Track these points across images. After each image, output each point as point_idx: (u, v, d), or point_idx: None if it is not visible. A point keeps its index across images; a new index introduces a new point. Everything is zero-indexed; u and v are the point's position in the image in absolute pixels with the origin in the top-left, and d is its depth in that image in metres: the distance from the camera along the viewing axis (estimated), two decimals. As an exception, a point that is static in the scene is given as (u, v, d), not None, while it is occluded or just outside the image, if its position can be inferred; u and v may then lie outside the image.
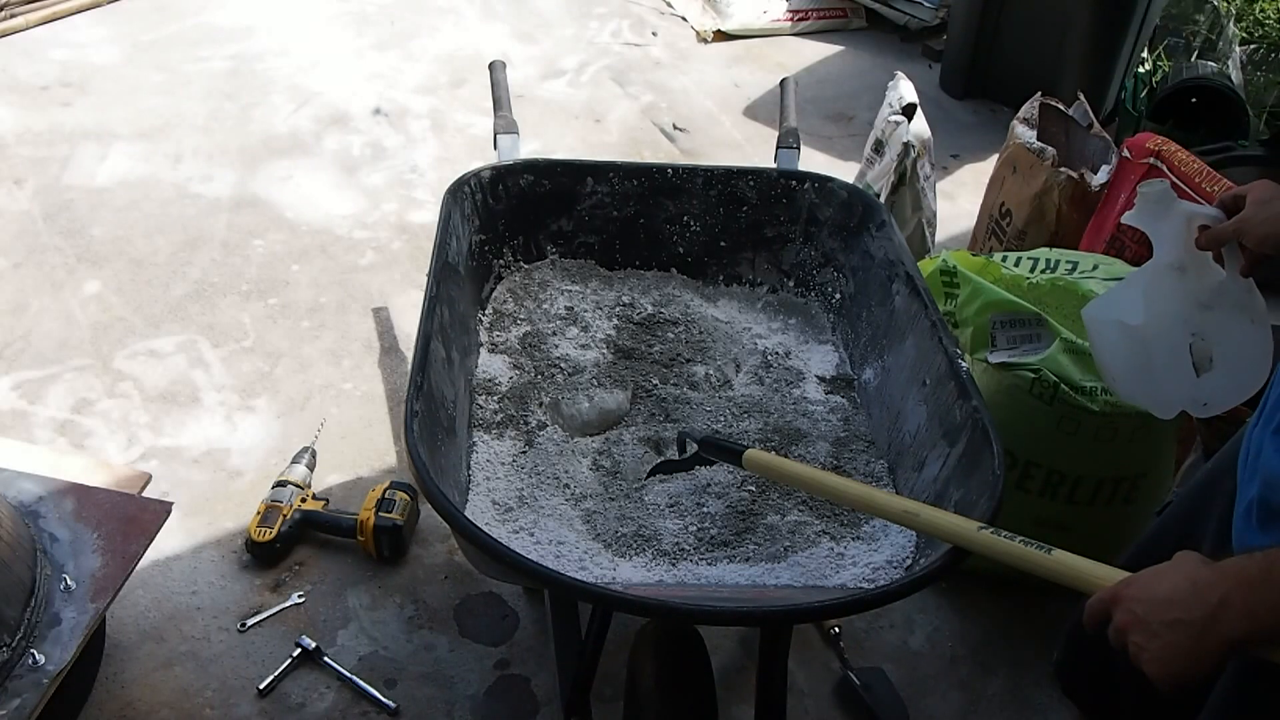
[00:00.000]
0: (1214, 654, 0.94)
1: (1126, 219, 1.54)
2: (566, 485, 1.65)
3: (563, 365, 1.85)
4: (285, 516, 2.08)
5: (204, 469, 2.28)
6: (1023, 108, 2.69)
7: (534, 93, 3.71)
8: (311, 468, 2.23)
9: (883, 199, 2.61)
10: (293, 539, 2.10)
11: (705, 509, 1.62)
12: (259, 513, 2.09)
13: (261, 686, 1.86)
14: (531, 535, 1.54)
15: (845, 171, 2.85)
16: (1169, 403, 1.62)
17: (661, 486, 1.67)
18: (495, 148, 2.01)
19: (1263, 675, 1.17)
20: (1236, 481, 1.23)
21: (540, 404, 1.78)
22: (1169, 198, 1.48)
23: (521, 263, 2.02)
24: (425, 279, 1.64)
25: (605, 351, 1.89)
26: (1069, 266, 2.08)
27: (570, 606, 1.80)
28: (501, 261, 2.00)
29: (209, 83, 3.58)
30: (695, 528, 1.58)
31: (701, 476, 1.68)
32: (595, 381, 1.83)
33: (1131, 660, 0.99)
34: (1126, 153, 2.39)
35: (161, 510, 1.77)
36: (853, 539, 1.57)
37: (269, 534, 2.05)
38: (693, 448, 1.68)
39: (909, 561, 1.49)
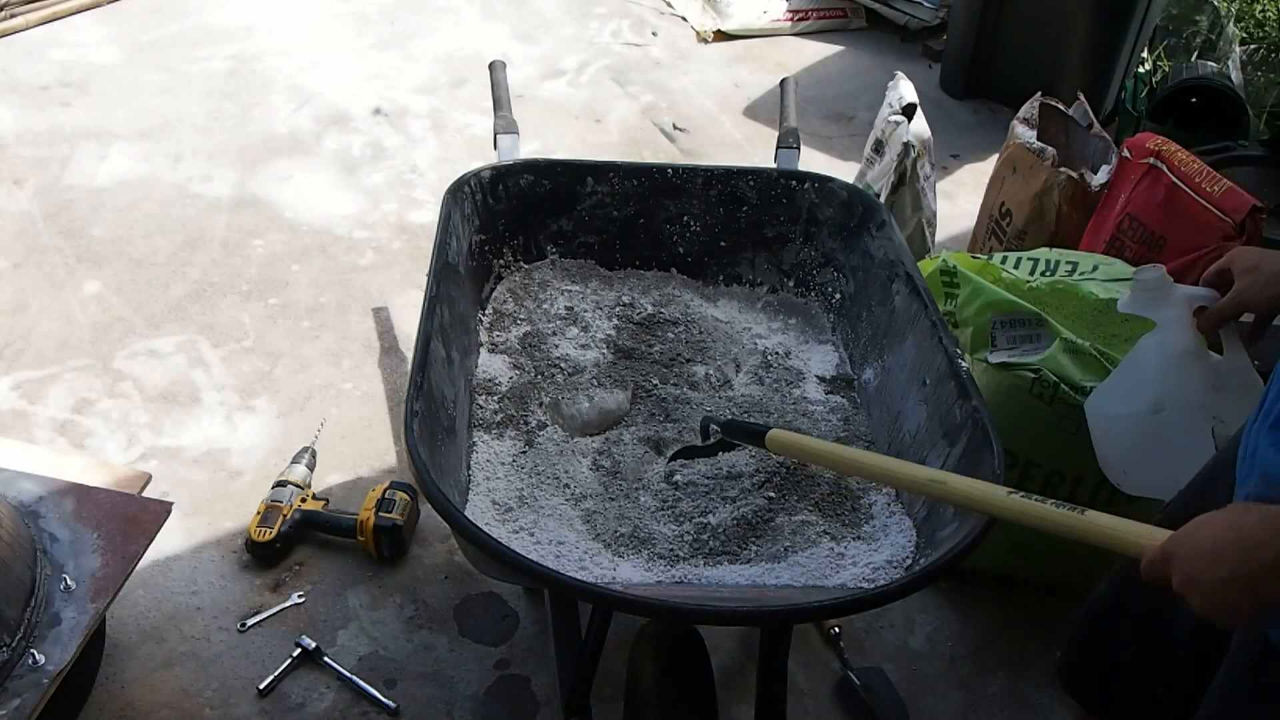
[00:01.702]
0: (1260, 608, 0.94)
1: (1122, 307, 1.53)
2: (566, 485, 1.65)
3: (563, 365, 1.85)
4: (285, 516, 2.08)
5: (204, 469, 2.28)
6: (1023, 108, 2.69)
7: (534, 93, 3.71)
8: (311, 468, 2.23)
9: (883, 199, 2.61)
10: (293, 539, 2.10)
11: (708, 518, 1.62)
12: (259, 513, 2.09)
13: (261, 686, 1.86)
14: (531, 535, 1.54)
15: (845, 171, 2.85)
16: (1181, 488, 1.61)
17: (667, 491, 1.66)
18: (495, 148, 2.01)
19: (1264, 666, 1.17)
20: (1235, 479, 1.23)
21: (540, 404, 1.78)
22: (1166, 283, 1.48)
23: (521, 263, 2.02)
24: (425, 279, 1.64)
25: (605, 351, 1.89)
26: (1069, 268, 2.08)
27: (570, 606, 1.80)
28: (501, 261, 2.00)
29: (209, 83, 3.58)
30: (691, 537, 1.58)
31: (710, 485, 1.67)
32: (595, 381, 1.83)
33: (1199, 613, 0.99)
34: (1126, 153, 2.39)
35: (161, 510, 1.77)
36: (853, 539, 1.57)
37: (269, 534, 2.05)
38: (716, 433, 1.70)
39: (909, 561, 1.49)
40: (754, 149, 3.51)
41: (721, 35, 4.19)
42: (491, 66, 2.15)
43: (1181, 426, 1.51)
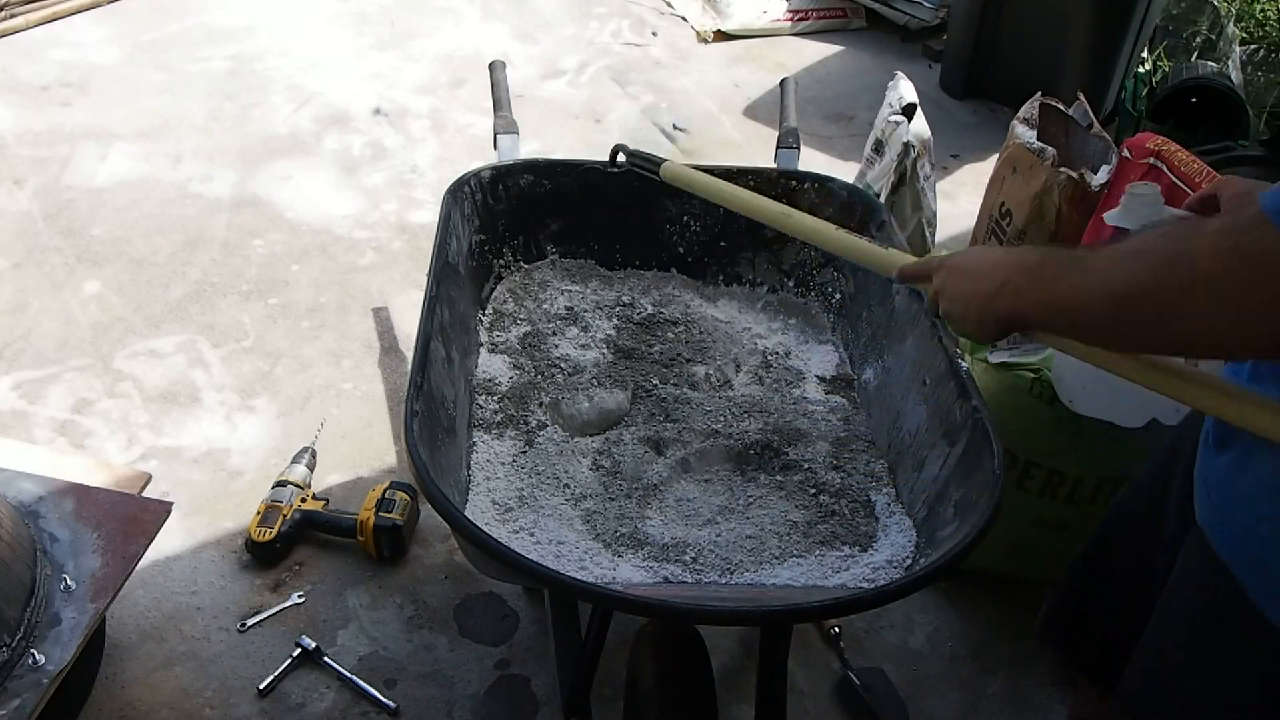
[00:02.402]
0: (991, 324, 1.09)
1: (1109, 217, 1.53)
2: (566, 485, 1.65)
3: (563, 365, 1.84)
4: (285, 516, 2.08)
5: (204, 469, 2.28)
6: (1023, 108, 2.69)
7: (534, 93, 3.71)
8: (311, 468, 2.23)
9: (883, 199, 2.61)
10: (293, 539, 2.10)
11: (714, 530, 1.62)
12: (259, 513, 2.09)
13: (261, 686, 1.86)
14: (531, 535, 1.54)
15: (845, 171, 2.85)
16: (1139, 411, 1.59)
17: (671, 501, 1.66)
18: (495, 148, 2.01)
19: (1206, 593, 1.17)
20: (1190, 450, 1.24)
21: (540, 404, 1.78)
22: (1157, 201, 1.47)
23: (521, 263, 2.02)
24: (425, 279, 1.64)
25: (605, 351, 1.89)
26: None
27: (570, 606, 1.80)
28: (501, 261, 2.00)
29: (209, 83, 3.58)
30: (692, 555, 1.57)
31: (716, 501, 1.66)
32: (595, 381, 1.83)
33: (946, 320, 1.18)
34: (1126, 153, 2.39)
35: (161, 510, 1.77)
36: (853, 539, 1.57)
37: (269, 534, 2.05)
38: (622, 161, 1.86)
39: (909, 561, 1.49)
40: (754, 149, 3.51)
41: (721, 35, 4.19)
42: (491, 66, 2.15)
43: None
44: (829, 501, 1.62)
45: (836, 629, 2.02)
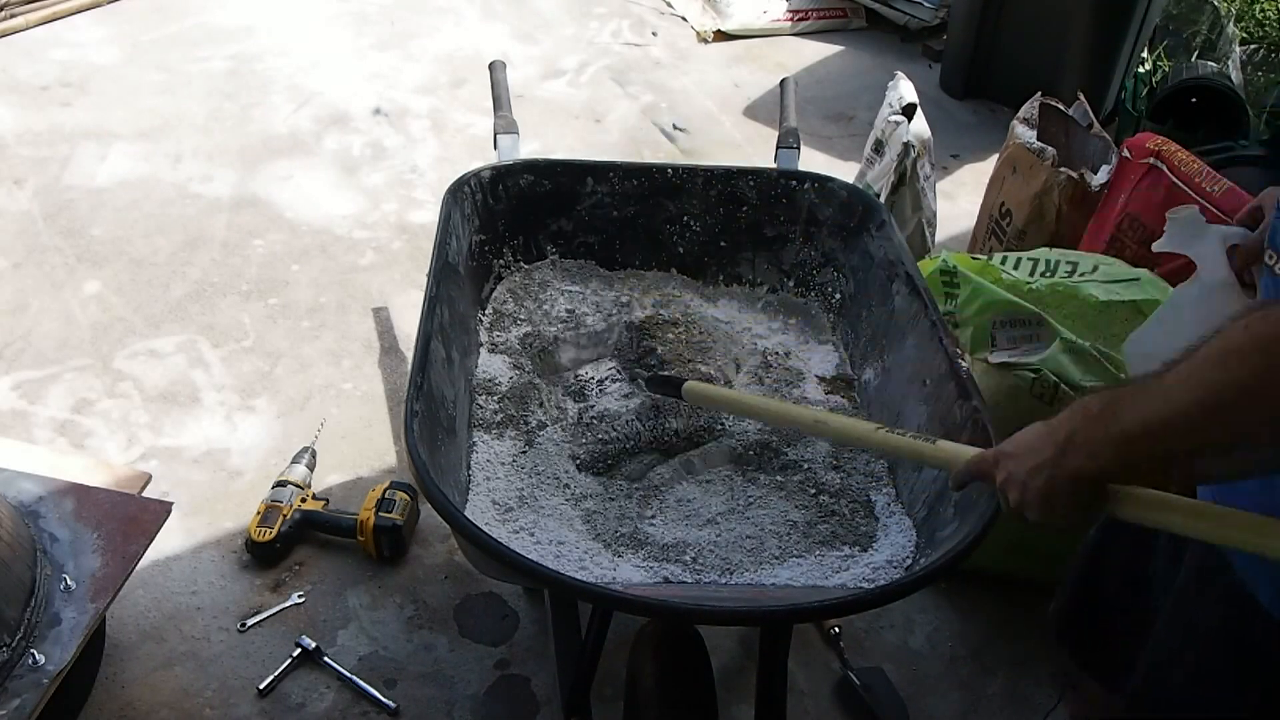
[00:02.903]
0: (1069, 493, 0.99)
1: (1158, 246, 1.51)
2: (566, 485, 1.65)
3: (563, 366, 1.85)
4: (285, 516, 2.08)
5: (204, 469, 2.28)
6: (1023, 108, 2.69)
7: (534, 93, 3.71)
8: (311, 468, 2.23)
9: (883, 199, 2.61)
10: (293, 539, 2.10)
11: (708, 520, 1.62)
12: (259, 513, 2.09)
13: (261, 686, 1.86)
14: (531, 535, 1.54)
15: (845, 171, 2.85)
16: None
17: (672, 502, 1.66)
18: (495, 148, 2.01)
19: (1193, 624, 1.18)
20: None
21: (540, 404, 1.78)
22: (1199, 221, 1.46)
23: (521, 263, 2.02)
24: (425, 279, 1.64)
25: (605, 352, 1.89)
26: (1069, 268, 2.08)
27: (570, 606, 1.80)
28: (501, 261, 2.00)
29: (209, 83, 3.58)
30: (692, 555, 1.57)
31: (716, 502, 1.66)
32: (595, 381, 1.83)
33: (1017, 512, 1.06)
34: (1126, 153, 2.39)
35: (161, 510, 1.77)
36: (853, 539, 1.57)
37: (269, 534, 2.05)
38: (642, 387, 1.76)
39: (909, 561, 1.49)
40: (754, 149, 3.51)
41: (721, 35, 4.19)
42: (491, 66, 2.15)
43: None
44: (829, 501, 1.62)
45: (836, 629, 2.02)
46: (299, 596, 2.03)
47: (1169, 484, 1.01)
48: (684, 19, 4.30)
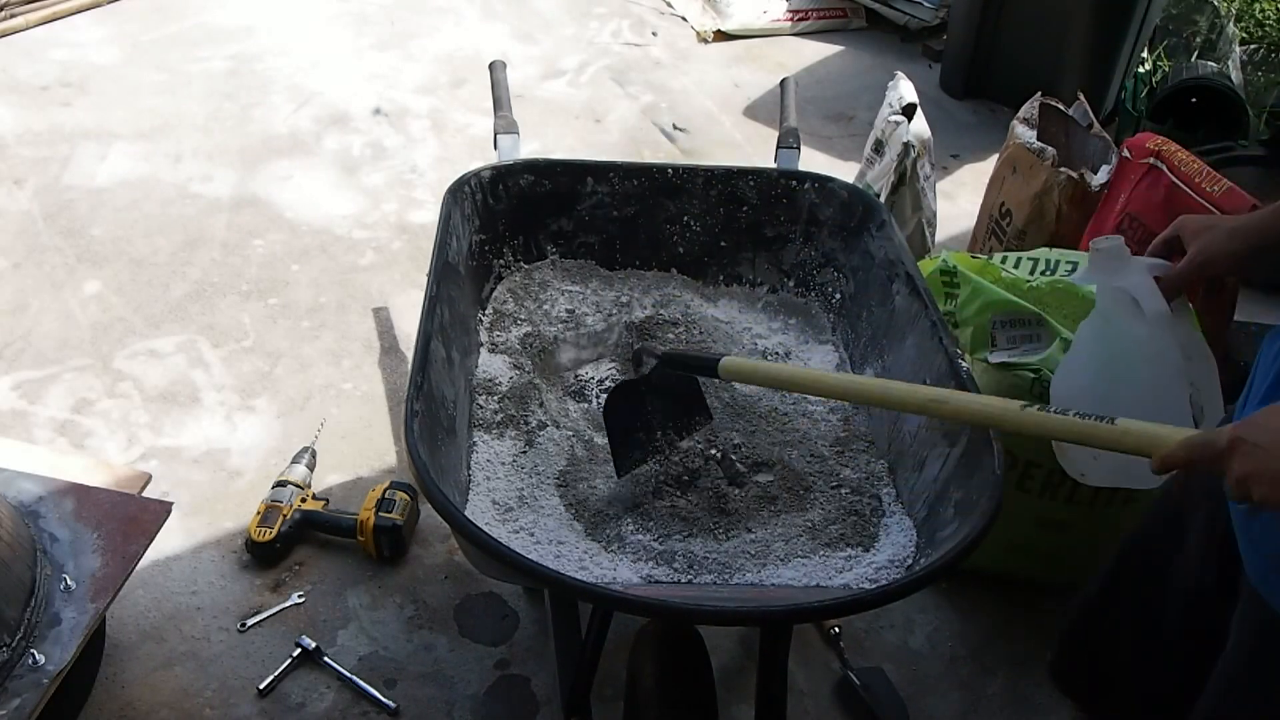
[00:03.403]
0: None
1: (1078, 279, 1.49)
2: (566, 486, 1.65)
3: (563, 366, 1.84)
4: (285, 516, 2.08)
5: (204, 469, 2.28)
6: (1023, 108, 2.69)
7: (534, 93, 3.71)
8: (311, 468, 2.23)
9: (883, 199, 2.61)
10: (293, 539, 2.10)
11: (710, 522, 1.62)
12: (259, 513, 2.09)
13: (261, 686, 1.86)
14: (531, 535, 1.54)
15: (845, 171, 2.85)
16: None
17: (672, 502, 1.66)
18: (495, 148, 2.01)
19: (1267, 654, 1.18)
20: (1216, 478, 1.24)
21: (540, 404, 1.78)
22: (1124, 253, 1.43)
23: (521, 263, 2.02)
24: (425, 279, 1.64)
25: (605, 352, 1.89)
26: (1069, 268, 2.08)
27: (570, 606, 1.80)
28: (501, 261, 2.00)
29: (209, 83, 3.58)
30: (693, 556, 1.57)
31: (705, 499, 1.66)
32: (595, 382, 1.83)
33: (1260, 507, 0.93)
34: (1126, 153, 2.39)
35: (161, 510, 1.77)
36: (854, 539, 1.57)
37: (269, 534, 2.05)
38: (652, 364, 1.62)
39: (909, 561, 1.49)
40: (754, 149, 3.51)
41: (721, 35, 4.19)
42: (491, 66, 2.15)
43: (1161, 396, 1.40)
44: (850, 496, 1.62)
45: (836, 629, 2.02)
46: (299, 596, 2.03)
47: None
48: (684, 19, 4.30)
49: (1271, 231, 1.30)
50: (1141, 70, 3.43)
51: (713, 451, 1.70)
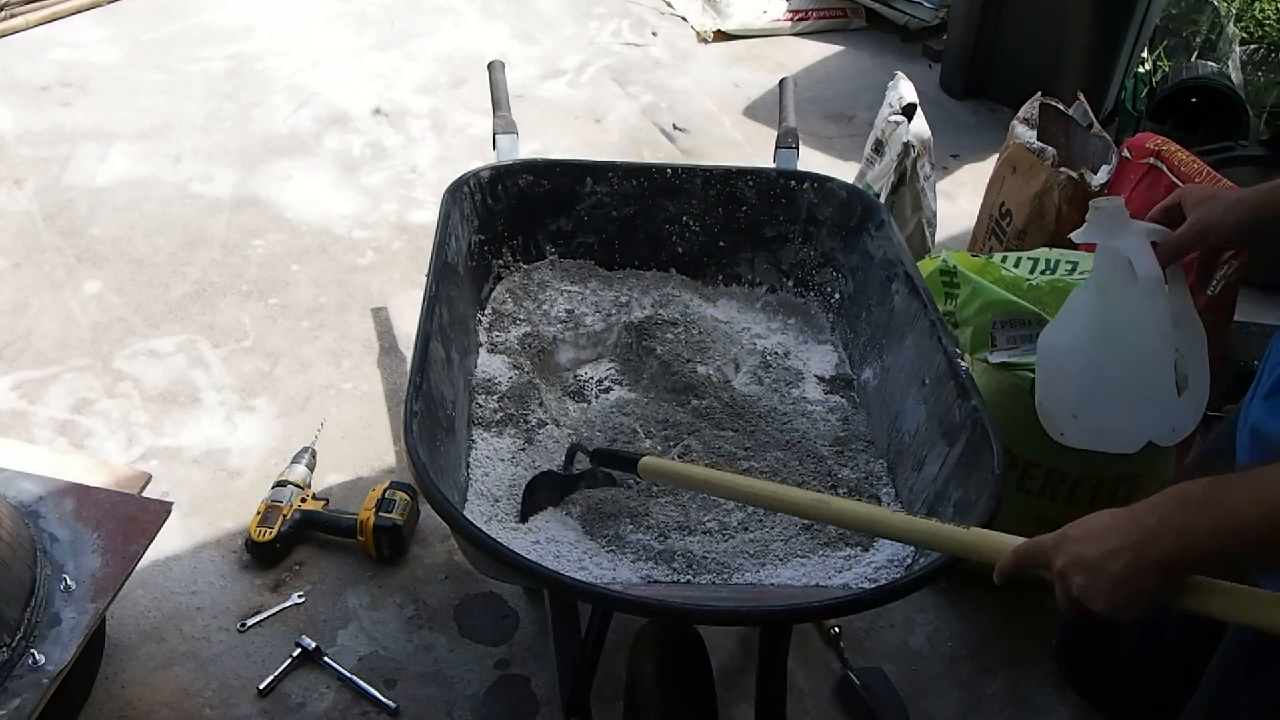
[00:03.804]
0: (1151, 580, 0.92)
1: (1078, 236, 1.47)
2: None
3: (563, 366, 1.85)
4: (285, 516, 2.08)
5: (204, 469, 2.28)
6: (1023, 108, 2.69)
7: (534, 93, 3.71)
8: (311, 468, 2.23)
9: (883, 199, 2.61)
10: (293, 539, 2.10)
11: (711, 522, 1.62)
12: (259, 513, 2.09)
13: (261, 686, 1.86)
14: (531, 535, 1.54)
15: (845, 171, 2.85)
16: (1136, 434, 1.52)
17: (672, 502, 1.66)
18: (494, 148, 2.01)
19: (1257, 655, 1.18)
20: (1228, 462, 1.24)
21: (540, 403, 1.78)
22: (1122, 215, 1.43)
23: (521, 263, 2.02)
24: (425, 279, 1.64)
25: (605, 352, 1.89)
26: (1069, 267, 2.08)
27: (570, 606, 1.80)
28: (501, 261, 2.00)
29: (209, 83, 3.58)
30: (693, 556, 1.57)
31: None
32: (595, 382, 1.83)
33: (1078, 602, 0.97)
34: (1126, 153, 2.39)
35: (161, 510, 1.77)
36: (854, 539, 1.57)
37: (269, 534, 2.05)
38: (583, 461, 1.62)
39: (909, 561, 1.49)
40: (754, 149, 3.51)
41: (721, 35, 4.19)
42: (490, 67, 2.15)
43: (1146, 360, 1.41)
44: (849, 497, 1.62)
45: (836, 629, 2.02)
46: (299, 596, 2.03)
47: (1243, 579, 0.94)
48: (684, 19, 4.30)
49: (1272, 204, 1.30)
50: (1141, 70, 3.43)
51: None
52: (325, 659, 1.91)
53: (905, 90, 2.68)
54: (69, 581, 1.64)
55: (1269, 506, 0.87)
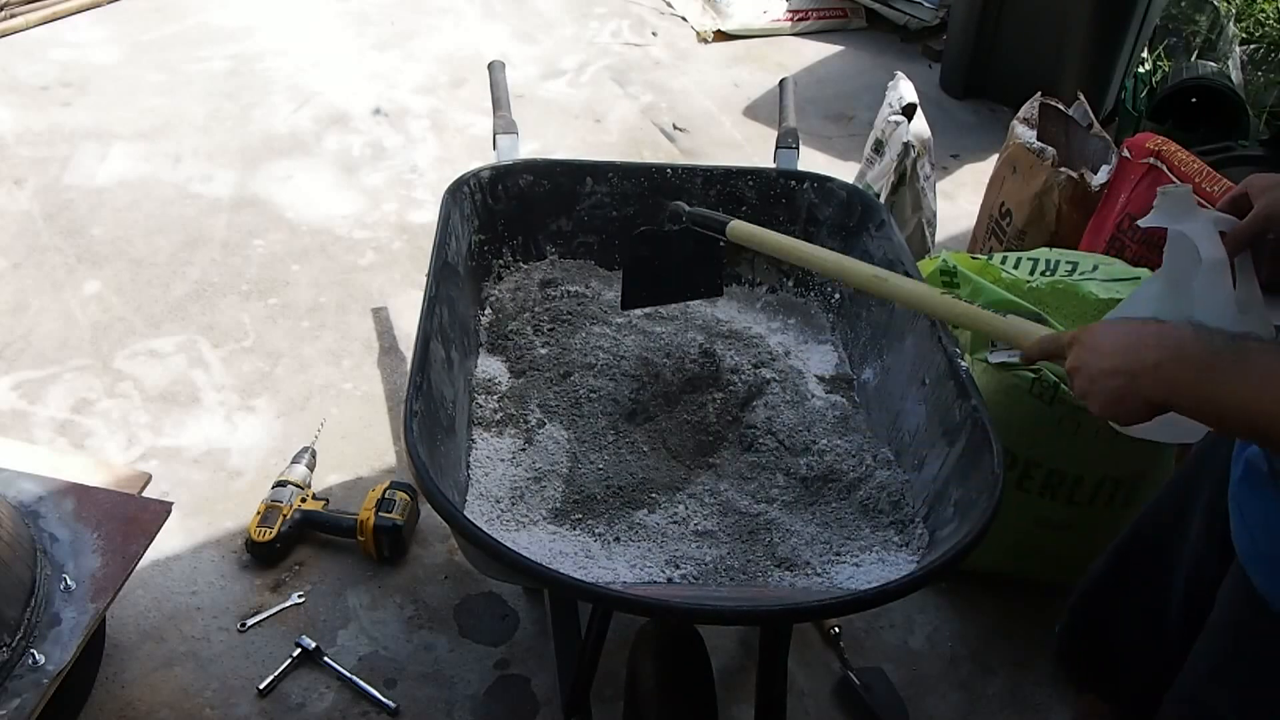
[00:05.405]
0: (1140, 406, 1.02)
1: (1146, 222, 1.46)
2: (567, 481, 1.64)
3: (563, 366, 1.84)
4: (285, 516, 2.08)
5: (204, 469, 2.28)
6: (1023, 108, 2.69)
7: (534, 93, 3.71)
8: (311, 468, 2.23)
9: (883, 199, 2.61)
10: (293, 539, 2.10)
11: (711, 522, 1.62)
12: (259, 513, 2.09)
13: (261, 686, 1.86)
14: (531, 535, 1.54)
15: (845, 171, 2.85)
16: (1196, 426, 1.53)
17: (671, 501, 1.66)
18: (495, 148, 2.01)
19: (1248, 629, 1.18)
20: (1222, 460, 1.24)
21: (540, 403, 1.78)
22: (1190, 200, 1.42)
23: (521, 263, 2.02)
24: (425, 279, 1.64)
25: (604, 351, 1.89)
26: (1069, 267, 2.08)
27: (570, 606, 1.80)
28: (501, 261, 2.00)
29: (209, 83, 3.58)
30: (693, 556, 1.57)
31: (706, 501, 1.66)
32: (595, 382, 1.83)
33: (1076, 395, 1.10)
34: (1126, 153, 2.39)
35: (161, 510, 1.77)
36: (854, 539, 1.57)
37: (269, 534, 2.05)
38: (682, 220, 1.75)
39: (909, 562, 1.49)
40: (754, 149, 3.51)
41: (721, 35, 4.19)
42: (491, 66, 2.15)
43: None
44: (832, 505, 1.62)
45: (836, 629, 2.02)
46: (299, 596, 2.03)
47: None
48: (684, 19, 4.30)
49: None
50: (1141, 70, 3.43)
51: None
52: (325, 659, 1.91)
53: (905, 90, 2.68)
54: (69, 581, 1.64)
55: (1254, 403, 0.93)
